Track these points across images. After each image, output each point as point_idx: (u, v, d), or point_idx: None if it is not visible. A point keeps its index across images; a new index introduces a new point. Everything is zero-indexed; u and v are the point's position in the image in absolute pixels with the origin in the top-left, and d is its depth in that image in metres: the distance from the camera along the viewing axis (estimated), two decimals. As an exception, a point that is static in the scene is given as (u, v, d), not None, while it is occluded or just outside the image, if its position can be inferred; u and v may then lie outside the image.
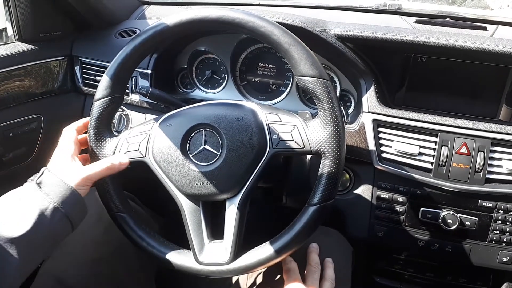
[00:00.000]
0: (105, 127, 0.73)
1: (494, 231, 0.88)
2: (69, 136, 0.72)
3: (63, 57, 1.12)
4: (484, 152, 0.85)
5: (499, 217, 0.87)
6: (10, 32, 1.05)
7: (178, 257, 0.70)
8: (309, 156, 0.93)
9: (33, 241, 0.58)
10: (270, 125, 0.67)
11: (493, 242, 0.88)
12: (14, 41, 1.04)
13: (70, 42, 1.14)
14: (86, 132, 0.79)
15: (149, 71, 1.04)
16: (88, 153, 0.73)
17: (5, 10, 1.02)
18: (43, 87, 1.07)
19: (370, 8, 1.12)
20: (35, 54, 1.04)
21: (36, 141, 1.07)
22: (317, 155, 0.66)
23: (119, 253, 0.83)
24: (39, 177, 0.63)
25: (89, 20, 1.13)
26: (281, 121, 0.68)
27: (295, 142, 0.66)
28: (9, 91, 0.98)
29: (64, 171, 0.65)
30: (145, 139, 0.71)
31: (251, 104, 0.71)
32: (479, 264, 0.91)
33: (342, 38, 0.92)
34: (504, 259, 0.89)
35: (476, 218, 0.87)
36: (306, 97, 1.07)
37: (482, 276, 1.01)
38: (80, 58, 1.13)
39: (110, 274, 0.81)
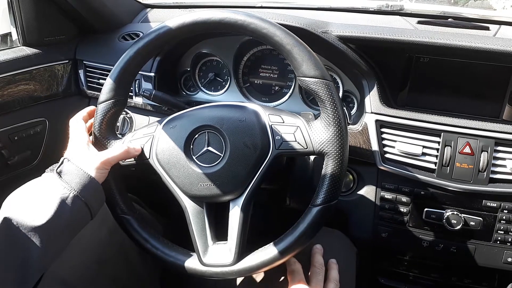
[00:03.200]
0: (109, 130, 0.74)
1: (498, 231, 0.87)
2: (79, 126, 0.73)
3: (67, 61, 1.13)
4: (487, 152, 0.84)
5: (504, 217, 0.86)
6: (14, 36, 1.05)
7: (182, 259, 0.70)
8: (312, 157, 0.93)
9: (54, 229, 0.58)
10: (273, 126, 0.68)
11: (498, 242, 0.88)
12: (19, 45, 1.05)
13: (74, 46, 1.15)
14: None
15: (152, 74, 1.05)
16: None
17: (9, 14, 1.03)
18: (48, 91, 1.08)
19: (372, 9, 1.12)
20: (40, 58, 1.05)
21: (41, 144, 1.08)
22: (320, 156, 0.66)
23: (123, 255, 0.84)
24: (59, 166, 0.64)
25: (93, 24, 1.14)
26: (283, 122, 0.68)
27: (298, 143, 0.66)
28: (14, 94, 0.99)
29: (83, 159, 0.66)
30: (148, 141, 0.71)
31: (253, 105, 0.71)
32: (484, 264, 0.90)
33: (344, 39, 0.92)
34: (509, 259, 0.88)
35: (480, 218, 0.87)
36: (309, 98, 1.07)
37: (487, 276, 1.01)
38: (84, 62, 1.14)
39: (114, 276, 0.81)
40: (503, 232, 0.87)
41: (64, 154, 0.69)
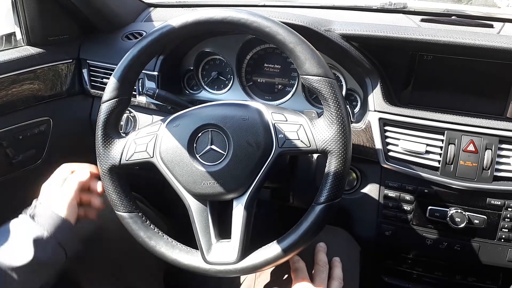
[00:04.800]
0: (113, 129, 0.74)
1: (503, 229, 0.87)
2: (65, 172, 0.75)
3: (71, 60, 1.13)
4: (491, 149, 0.84)
5: (508, 215, 0.86)
6: (19, 36, 1.06)
7: (186, 257, 0.70)
8: (315, 156, 0.93)
9: (31, 268, 0.62)
10: (276, 124, 0.68)
11: (502, 240, 0.88)
12: (23, 44, 1.06)
13: (77, 45, 1.16)
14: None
15: (155, 73, 1.05)
16: (96, 157, 0.74)
17: (13, 14, 1.04)
18: (52, 90, 1.09)
19: (376, 8, 1.12)
20: (44, 58, 1.06)
21: (45, 143, 1.09)
22: (323, 154, 0.66)
23: (128, 253, 0.84)
24: (31, 209, 0.68)
25: (96, 23, 1.14)
26: (287, 121, 0.68)
27: (301, 141, 0.66)
28: (18, 94, 0.99)
29: (53, 199, 0.70)
30: (152, 140, 0.72)
31: (257, 104, 0.71)
32: (488, 262, 0.90)
33: (347, 37, 0.92)
34: (514, 258, 0.88)
35: (485, 217, 0.87)
36: (312, 96, 1.07)
37: (491, 275, 1.01)
38: (87, 61, 1.14)
39: (119, 273, 0.82)
40: (507, 230, 0.87)
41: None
